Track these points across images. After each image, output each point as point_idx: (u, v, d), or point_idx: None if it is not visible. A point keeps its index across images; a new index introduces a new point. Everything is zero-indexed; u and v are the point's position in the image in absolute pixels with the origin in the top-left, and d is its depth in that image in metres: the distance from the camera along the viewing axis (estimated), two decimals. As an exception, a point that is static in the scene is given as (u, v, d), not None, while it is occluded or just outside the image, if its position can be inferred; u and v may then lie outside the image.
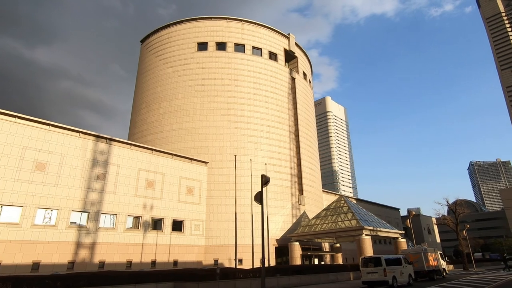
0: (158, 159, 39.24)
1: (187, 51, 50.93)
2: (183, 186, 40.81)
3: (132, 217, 35.20)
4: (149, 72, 52.34)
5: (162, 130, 46.86)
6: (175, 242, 38.17)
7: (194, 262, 39.06)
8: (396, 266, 24.34)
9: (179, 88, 48.61)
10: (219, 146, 45.52)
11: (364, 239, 37.55)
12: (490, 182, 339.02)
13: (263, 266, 16.65)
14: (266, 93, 51.35)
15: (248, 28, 54.19)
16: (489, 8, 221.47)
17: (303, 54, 63.84)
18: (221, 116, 47.17)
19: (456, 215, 50.56)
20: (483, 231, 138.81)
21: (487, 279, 29.78)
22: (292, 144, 52.49)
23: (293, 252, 42.59)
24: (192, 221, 40.66)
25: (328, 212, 45.17)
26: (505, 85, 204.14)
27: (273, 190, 46.44)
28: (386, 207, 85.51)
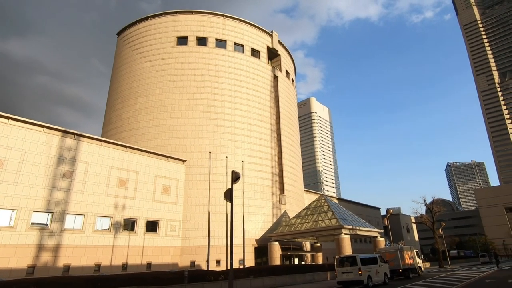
0: (132, 156, 37.39)
1: (166, 45, 49.12)
2: (159, 185, 39.11)
3: (102, 218, 33.23)
4: (125, 66, 50.15)
5: (138, 126, 44.89)
6: (149, 244, 36.45)
7: (169, 264, 37.46)
8: (372, 265, 23.80)
9: (156, 83, 46.76)
10: (198, 144, 44.03)
11: (343, 238, 37.09)
12: (465, 183, 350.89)
13: (230, 268, 15.56)
14: (248, 91, 50.23)
15: (230, 24, 52.90)
16: (466, 16, 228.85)
17: (286, 53, 63.12)
18: (200, 113, 45.69)
19: (432, 213, 51.18)
20: (459, 229, 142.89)
21: (460, 277, 29.86)
22: (274, 142, 51.61)
23: (272, 252, 41.69)
24: (168, 221, 39.01)
25: (309, 212, 44.57)
26: (480, 89, 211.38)
27: (253, 190, 45.40)
28: (367, 207, 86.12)
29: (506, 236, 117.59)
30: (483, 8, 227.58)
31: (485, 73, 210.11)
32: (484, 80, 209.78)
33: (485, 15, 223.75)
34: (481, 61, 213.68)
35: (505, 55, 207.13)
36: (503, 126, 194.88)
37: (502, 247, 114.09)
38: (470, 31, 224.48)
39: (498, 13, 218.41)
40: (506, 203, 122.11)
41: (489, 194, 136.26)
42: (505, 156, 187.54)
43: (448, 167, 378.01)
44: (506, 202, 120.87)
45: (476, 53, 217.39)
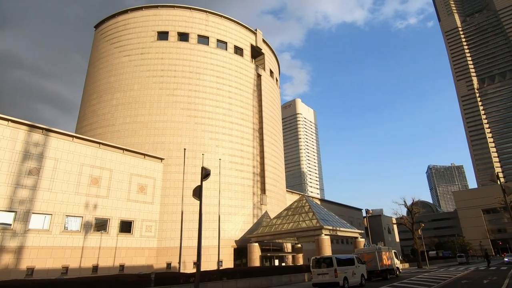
0: (106, 153, 35.79)
1: (145, 40, 47.58)
2: (134, 183, 37.61)
3: (72, 218, 31.54)
4: (103, 60, 48.28)
5: (114, 123, 43.19)
6: (122, 245, 34.93)
7: (143, 266, 36.00)
8: (349, 266, 23.26)
9: (135, 79, 45.18)
10: (177, 142, 42.72)
11: (323, 239, 36.62)
12: (445, 185, 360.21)
13: (197, 270, 14.61)
14: (230, 89, 49.26)
15: (213, 20, 51.83)
16: (447, 23, 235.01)
17: (270, 52, 62.51)
18: (180, 110, 44.39)
19: (412, 214, 51.55)
20: (438, 230, 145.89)
21: (436, 277, 29.79)
22: (256, 142, 50.81)
23: (251, 254, 40.81)
24: (143, 221, 37.55)
25: (290, 212, 43.94)
26: (460, 94, 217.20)
27: (233, 189, 44.45)
28: (350, 208, 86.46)
29: (482, 237, 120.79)
30: (464, 15, 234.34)
31: (465, 78, 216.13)
32: (464, 86, 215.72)
33: (465, 23, 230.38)
34: (461, 67, 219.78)
35: (483, 62, 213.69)
36: (481, 131, 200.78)
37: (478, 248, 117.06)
38: (451, 38, 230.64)
39: (478, 21, 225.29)
40: (483, 205, 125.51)
41: (467, 196, 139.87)
42: (482, 159, 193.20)
43: (429, 169, 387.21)
44: (483, 204, 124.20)
45: (456, 59, 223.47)
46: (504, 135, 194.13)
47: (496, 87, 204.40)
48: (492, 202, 75.13)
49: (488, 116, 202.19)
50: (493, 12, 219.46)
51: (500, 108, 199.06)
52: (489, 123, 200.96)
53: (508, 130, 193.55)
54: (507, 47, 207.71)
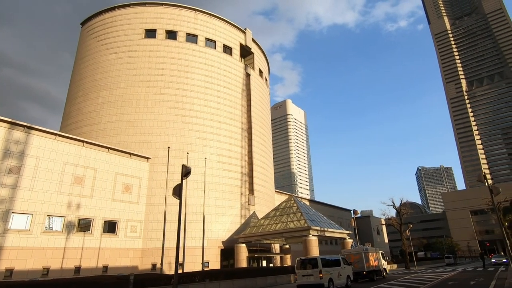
0: (90, 152, 35.07)
1: (133, 38, 46.91)
2: (119, 183, 36.94)
3: (54, 218, 30.79)
4: (89, 57, 47.43)
5: (100, 121, 42.42)
6: (106, 245, 34.24)
7: (128, 267, 35.35)
8: (334, 267, 23.04)
9: (121, 77, 44.47)
10: (164, 141, 42.13)
11: (310, 240, 36.46)
12: (434, 186, 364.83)
13: (175, 272, 14.23)
14: (219, 88, 48.87)
15: (201, 19, 51.39)
16: (437, 25, 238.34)
17: (260, 51, 62.30)
18: (167, 109, 43.84)
19: (400, 215, 51.81)
20: (427, 231, 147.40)
21: (423, 279, 29.83)
22: (244, 142, 50.49)
23: (238, 254, 40.45)
24: (128, 221, 36.90)
25: (278, 212, 43.71)
26: (449, 96, 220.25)
27: (221, 189, 44.05)
28: (339, 209, 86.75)
29: (470, 238, 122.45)
30: (453, 18, 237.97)
31: (454, 81, 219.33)
32: (453, 88, 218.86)
33: (455, 26, 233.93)
34: (451, 70, 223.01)
35: (472, 65, 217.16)
36: (469, 133, 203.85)
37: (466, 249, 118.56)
38: (440, 40, 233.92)
39: (467, 24, 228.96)
40: (471, 207, 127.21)
41: (455, 197, 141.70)
42: (471, 161, 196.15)
43: (418, 171, 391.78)
44: (471, 205, 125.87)
45: (446, 62, 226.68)
46: (492, 137, 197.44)
47: (485, 90, 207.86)
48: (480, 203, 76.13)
49: (477, 118, 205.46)
50: (482, 15, 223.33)
51: (488, 110, 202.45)
52: (478, 125, 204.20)
53: (495, 133, 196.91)
54: (495, 50, 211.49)
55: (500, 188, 25.00)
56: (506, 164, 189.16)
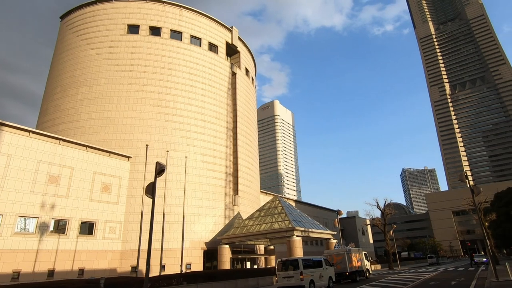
0: (67, 150, 33.63)
1: (115, 33, 45.50)
2: (98, 182, 35.58)
3: (25, 219, 29.30)
4: (68, 52, 45.74)
5: (78, 119, 40.88)
6: (83, 248, 32.87)
7: (106, 270, 34.08)
8: (316, 268, 22.56)
9: (102, 73, 43.02)
10: (145, 139, 40.93)
11: (294, 240, 35.99)
12: (418, 188, 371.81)
13: (146, 275, 13.42)
14: (204, 86, 47.95)
15: (187, 15, 50.37)
16: (422, 30, 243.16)
17: (246, 50, 61.66)
18: (150, 106, 42.66)
19: (384, 216, 52.00)
20: (411, 232, 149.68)
21: (406, 279, 29.79)
22: (230, 141, 49.71)
23: (221, 256, 39.65)
24: (106, 222, 35.57)
25: (262, 213, 43.10)
26: (433, 99, 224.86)
27: (205, 190, 43.13)
28: (325, 209, 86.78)
29: (452, 238, 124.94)
30: (438, 23, 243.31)
31: (438, 84, 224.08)
32: (437, 91, 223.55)
33: (439, 30, 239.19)
34: (435, 73, 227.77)
35: (455, 69, 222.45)
36: (452, 135, 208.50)
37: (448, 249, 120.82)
38: (425, 45, 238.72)
39: (450, 29, 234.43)
40: (453, 207, 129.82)
41: (438, 198, 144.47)
42: (453, 163, 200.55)
43: (403, 172, 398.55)
44: (454, 206, 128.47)
45: (430, 65, 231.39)
46: (473, 140, 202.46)
47: (467, 94, 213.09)
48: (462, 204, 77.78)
49: (459, 121, 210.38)
50: (465, 21, 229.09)
51: (470, 114, 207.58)
52: (460, 128, 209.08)
53: (477, 135, 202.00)
54: (477, 55, 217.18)
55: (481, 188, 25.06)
56: (487, 166, 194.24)
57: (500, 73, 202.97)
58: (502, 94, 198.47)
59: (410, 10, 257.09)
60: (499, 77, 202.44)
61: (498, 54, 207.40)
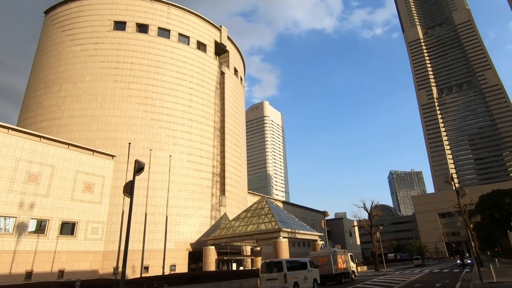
0: (48, 148, 32.63)
1: (100, 29, 44.53)
2: (80, 181, 34.63)
3: (2, 218, 28.24)
4: (52, 48, 44.54)
5: (61, 116, 39.79)
6: (63, 248, 31.90)
7: (87, 272, 33.16)
8: (300, 270, 22.28)
9: (87, 69, 42.02)
10: (131, 138, 40.07)
11: (280, 242, 35.72)
12: (405, 190, 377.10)
13: (122, 278, 12.91)
14: (191, 85, 47.35)
15: (175, 13, 49.72)
16: (411, 34, 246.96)
17: (235, 50, 61.27)
18: (136, 105, 41.85)
19: (370, 217, 52.24)
20: (398, 233, 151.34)
21: (391, 281, 29.84)
22: (217, 141, 49.19)
23: (207, 257, 39.09)
24: (88, 223, 34.63)
25: (249, 214, 42.72)
26: (420, 103, 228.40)
27: (191, 190, 42.51)
28: (313, 211, 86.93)
29: (438, 240, 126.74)
30: (426, 28, 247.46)
31: (425, 88, 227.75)
32: (424, 95, 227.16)
33: (427, 35, 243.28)
34: (423, 77, 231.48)
35: (443, 73, 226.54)
36: (439, 138, 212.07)
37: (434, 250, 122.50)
38: (414, 48, 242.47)
39: (438, 34, 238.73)
40: (439, 209, 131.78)
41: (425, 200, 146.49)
42: (440, 165, 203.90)
43: (390, 174, 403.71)
44: (440, 208, 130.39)
45: (418, 69, 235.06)
46: (460, 143, 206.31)
47: (453, 97, 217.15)
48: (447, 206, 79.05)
49: (446, 124, 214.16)
50: (452, 26, 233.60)
51: (457, 117, 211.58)
52: (446, 131, 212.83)
53: (463, 139, 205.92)
54: (464, 60, 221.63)
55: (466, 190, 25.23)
56: (472, 169, 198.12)
57: (486, 78, 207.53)
58: (487, 98, 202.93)
59: (399, 14, 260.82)
60: (485, 82, 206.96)
61: (484, 59, 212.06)
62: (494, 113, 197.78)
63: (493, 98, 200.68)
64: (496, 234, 61.26)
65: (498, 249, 66.72)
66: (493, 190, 65.30)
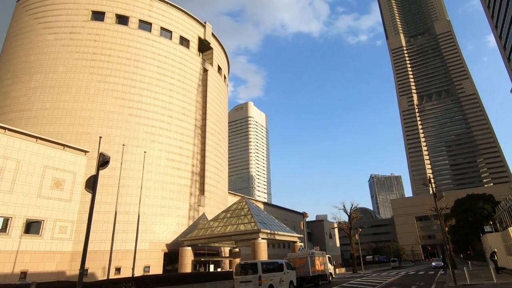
0: (13, 141, 30.61)
1: (77, 18, 42.54)
2: (49, 177, 32.70)
3: (-42, 215, 26.17)
4: (22, 36, 42.17)
5: (31, 108, 37.61)
6: (27, 248, 29.94)
7: (53, 273, 31.29)
8: (276, 272, 21.57)
9: (60, 60, 39.97)
10: (106, 133, 38.34)
11: (259, 243, 34.91)
12: (385, 193, 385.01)
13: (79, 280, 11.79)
14: (172, 81, 45.98)
15: (158, 6, 48.24)
16: (394, 41, 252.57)
17: (219, 47, 60.23)
18: (112, 99, 40.12)
19: (350, 220, 52.31)
20: (377, 236, 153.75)
21: (368, 283, 29.66)
22: (197, 139, 47.97)
23: (183, 258, 37.82)
24: (56, 221, 32.72)
25: (228, 214, 41.70)
26: (401, 109, 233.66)
27: (169, 189, 41.14)
28: (294, 212, 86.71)
29: (414, 243, 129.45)
30: (409, 36, 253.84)
31: (407, 94, 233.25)
32: (405, 101, 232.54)
33: (409, 43, 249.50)
34: (404, 84, 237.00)
35: (423, 81, 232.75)
36: (418, 144, 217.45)
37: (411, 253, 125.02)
38: (396, 56, 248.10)
39: (420, 42, 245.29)
40: (416, 213, 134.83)
41: (403, 204, 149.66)
42: (418, 171, 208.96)
43: (371, 178, 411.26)
44: (417, 212, 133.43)
45: (400, 76, 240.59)
46: (437, 149, 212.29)
47: (433, 105, 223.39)
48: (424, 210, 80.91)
49: (425, 131, 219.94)
50: (433, 36, 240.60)
51: (435, 124, 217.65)
52: (425, 137, 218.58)
53: (440, 145, 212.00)
54: (443, 68, 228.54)
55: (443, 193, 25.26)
56: (448, 174, 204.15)
57: (463, 87, 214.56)
58: (464, 107, 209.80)
59: (384, 22, 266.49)
60: (462, 91, 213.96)
61: (462, 69, 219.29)
62: (470, 121, 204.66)
63: (470, 107, 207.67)
64: (469, 237, 62.82)
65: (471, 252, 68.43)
66: (468, 194, 67.00)
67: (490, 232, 43.87)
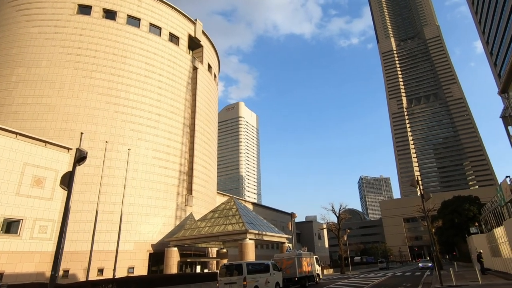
0: (-9, 136, 29.39)
1: (62, 11, 41.32)
2: (29, 175, 31.49)
3: None
4: (4, 28, 40.69)
5: (11, 102, 36.28)
6: (4, 249, 28.72)
7: (32, 274, 30.11)
8: (262, 274, 21.10)
9: (44, 54, 38.71)
10: (90, 130, 37.27)
11: (246, 244, 34.39)
12: (374, 195, 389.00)
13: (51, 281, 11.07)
14: (161, 78, 45.11)
15: (147, 2, 47.30)
16: (385, 45, 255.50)
17: (210, 45, 59.51)
18: (98, 95, 39.05)
19: (339, 220, 52.23)
20: (365, 237, 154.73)
21: (355, 284, 29.50)
22: (186, 138, 47.17)
23: (169, 259, 36.99)
24: (36, 220, 31.53)
25: (216, 214, 41.04)
26: (391, 111, 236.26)
27: (155, 188, 40.25)
28: (283, 213, 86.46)
29: (402, 244, 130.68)
30: (399, 40, 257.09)
31: (396, 97, 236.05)
32: (395, 104, 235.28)
33: (400, 47, 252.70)
34: (394, 87, 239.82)
35: (412, 84, 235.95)
36: (406, 147, 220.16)
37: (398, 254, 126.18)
38: (387, 59, 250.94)
39: (410, 46, 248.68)
40: (404, 214, 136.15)
41: (391, 205, 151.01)
42: (406, 172, 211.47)
43: (360, 180, 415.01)
44: (405, 213, 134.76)
45: (390, 79, 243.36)
46: (425, 152, 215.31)
47: (421, 108, 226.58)
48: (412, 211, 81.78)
49: (414, 133, 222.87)
50: (423, 40, 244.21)
51: (424, 127, 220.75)
52: (414, 140, 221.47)
53: (428, 148, 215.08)
54: (432, 73, 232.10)
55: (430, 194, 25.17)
56: (435, 176, 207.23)
57: (451, 91, 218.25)
58: (452, 110, 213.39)
59: (375, 25, 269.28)
60: (450, 95, 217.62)
61: (450, 74, 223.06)
62: (457, 125, 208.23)
63: (457, 111, 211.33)
64: (455, 239, 63.52)
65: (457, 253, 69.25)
66: (454, 196, 67.80)
67: (476, 233, 44.31)
